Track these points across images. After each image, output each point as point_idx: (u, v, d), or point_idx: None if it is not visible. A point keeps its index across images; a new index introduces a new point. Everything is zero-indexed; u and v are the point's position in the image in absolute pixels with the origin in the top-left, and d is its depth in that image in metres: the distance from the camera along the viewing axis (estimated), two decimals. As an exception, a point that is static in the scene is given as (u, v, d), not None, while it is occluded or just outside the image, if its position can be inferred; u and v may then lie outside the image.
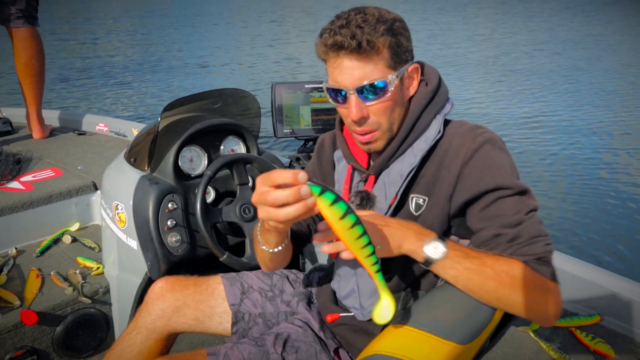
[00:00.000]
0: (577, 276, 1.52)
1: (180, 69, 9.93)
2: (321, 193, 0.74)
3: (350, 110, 0.98)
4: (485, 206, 0.95)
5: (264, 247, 1.05)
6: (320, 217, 0.80)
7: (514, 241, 0.91)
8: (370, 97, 0.97)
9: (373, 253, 0.82)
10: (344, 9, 0.99)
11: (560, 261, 1.57)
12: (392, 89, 0.96)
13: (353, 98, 0.97)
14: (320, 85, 2.02)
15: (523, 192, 0.94)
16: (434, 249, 0.89)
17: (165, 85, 8.45)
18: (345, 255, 0.85)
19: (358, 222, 0.78)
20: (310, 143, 2.14)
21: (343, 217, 0.76)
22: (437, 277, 1.03)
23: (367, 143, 1.03)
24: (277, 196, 0.75)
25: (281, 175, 0.75)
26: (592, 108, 6.87)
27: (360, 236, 0.79)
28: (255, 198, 0.78)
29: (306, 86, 2.02)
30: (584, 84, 8.29)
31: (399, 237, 0.91)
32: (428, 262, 0.90)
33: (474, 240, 0.98)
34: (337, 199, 0.75)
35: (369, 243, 0.80)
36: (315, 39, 0.99)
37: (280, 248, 1.04)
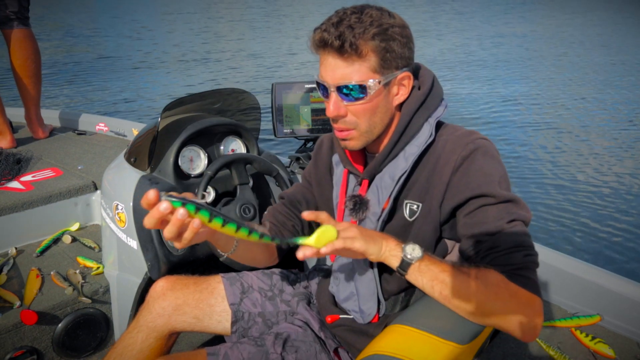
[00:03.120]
0: (577, 276, 1.53)
1: (180, 69, 9.93)
2: (183, 205, 0.77)
3: (328, 106, 1.00)
4: (470, 212, 0.96)
5: (225, 255, 1.12)
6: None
7: (492, 250, 0.91)
8: (350, 97, 0.97)
9: (241, 227, 0.82)
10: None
11: (561, 261, 1.57)
12: (372, 93, 0.96)
13: (333, 95, 0.98)
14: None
15: (508, 201, 0.94)
16: (412, 250, 0.92)
17: (165, 85, 8.45)
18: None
19: (213, 214, 0.79)
20: (310, 143, 2.14)
21: (206, 218, 0.79)
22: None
23: (343, 140, 1.05)
24: (147, 220, 0.80)
25: (143, 202, 0.80)
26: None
27: (224, 224, 0.80)
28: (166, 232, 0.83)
29: (306, 86, 2.01)
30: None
31: (379, 237, 0.94)
32: (405, 263, 0.91)
33: (459, 248, 0.99)
34: (184, 204, 0.77)
35: (231, 221, 0.81)
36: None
37: (235, 247, 1.09)
